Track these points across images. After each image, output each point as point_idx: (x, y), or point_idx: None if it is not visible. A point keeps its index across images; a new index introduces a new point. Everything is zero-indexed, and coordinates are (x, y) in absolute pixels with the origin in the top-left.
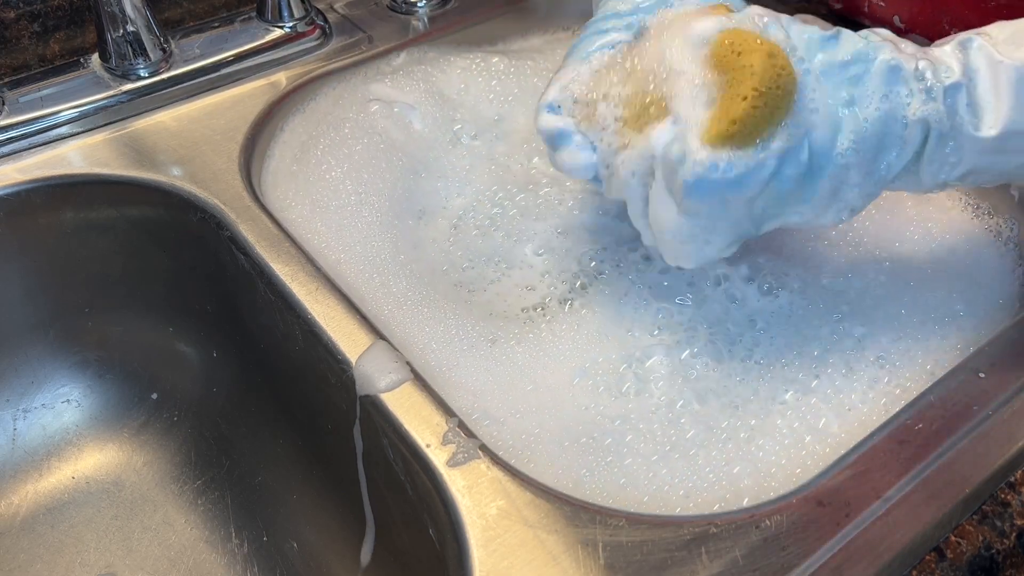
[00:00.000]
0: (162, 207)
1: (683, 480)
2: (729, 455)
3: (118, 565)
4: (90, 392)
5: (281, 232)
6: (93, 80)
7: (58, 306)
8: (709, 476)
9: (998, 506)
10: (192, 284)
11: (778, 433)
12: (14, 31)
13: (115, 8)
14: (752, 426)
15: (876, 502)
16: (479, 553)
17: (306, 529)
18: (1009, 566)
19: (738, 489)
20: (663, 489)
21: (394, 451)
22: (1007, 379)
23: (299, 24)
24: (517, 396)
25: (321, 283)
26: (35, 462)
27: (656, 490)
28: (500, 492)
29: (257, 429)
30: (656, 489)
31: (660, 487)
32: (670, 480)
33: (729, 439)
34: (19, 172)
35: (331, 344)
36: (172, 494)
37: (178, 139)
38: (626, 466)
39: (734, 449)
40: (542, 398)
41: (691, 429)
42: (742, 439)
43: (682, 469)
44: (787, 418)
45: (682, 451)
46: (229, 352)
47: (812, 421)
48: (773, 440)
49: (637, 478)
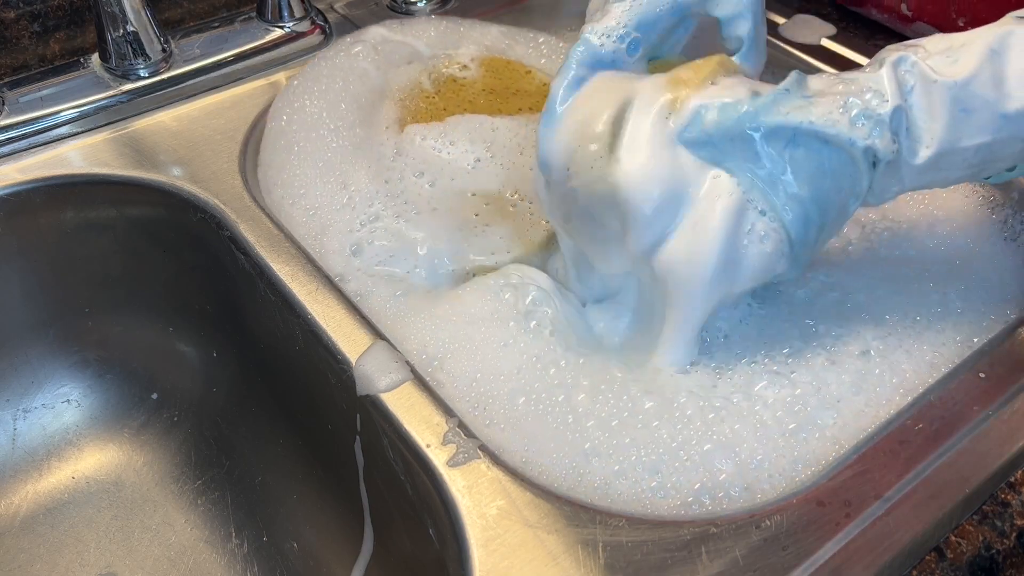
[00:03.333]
0: (162, 207)
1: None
2: (712, 447)
3: (118, 565)
4: (90, 392)
5: (281, 232)
6: (93, 80)
7: (58, 306)
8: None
9: (998, 506)
10: (192, 284)
11: (763, 427)
12: (14, 31)
13: (115, 8)
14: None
15: (876, 502)
16: (479, 553)
17: (306, 529)
18: (1009, 566)
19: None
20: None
21: (394, 451)
22: (1007, 379)
23: (299, 24)
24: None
25: (321, 283)
26: (35, 462)
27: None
28: (500, 492)
29: (257, 429)
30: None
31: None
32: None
33: (712, 432)
34: (19, 172)
35: (331, 344)
36: (172, 494)
37: (178, 139)
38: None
39: (715, 440)
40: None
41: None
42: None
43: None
44: (780, 413)
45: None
46: (229, 352)
47: (807, 414)
48: (759, 433)
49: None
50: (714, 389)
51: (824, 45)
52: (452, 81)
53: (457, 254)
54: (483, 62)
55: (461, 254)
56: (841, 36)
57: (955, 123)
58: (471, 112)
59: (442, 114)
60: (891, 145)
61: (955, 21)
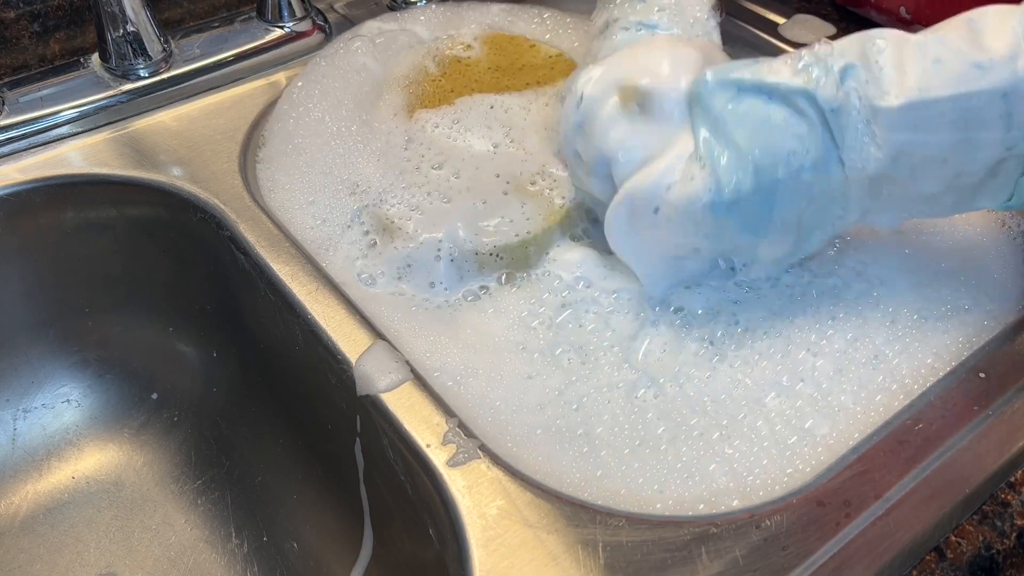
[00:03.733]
0: (162, 207)
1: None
2: (709, 453)
3: (118, 565)
4: (90, 392)
5: (281, 232)
6: (93, 80)
7: (58, 306)
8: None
9: (998, 506)
10: (192, 284)
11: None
12: (14, 31)
13: (115, 8)
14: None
15: (876, 502)
16: (479, 553)
17: (306, 529)
18: (1009, 566)
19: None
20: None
21: (394, 451)
22: (1007, 379)
23: (299, 24)
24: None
25: (321, 283)
26: (35, 462)
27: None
28: (500, 492)
29: (257, 429)
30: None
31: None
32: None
33: (702, 437)
34: (19, 172)
35: (331, 344)
36: (172, 494)
37: (178, 139)
38: (607, 462)
39: (706, 447)
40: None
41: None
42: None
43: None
44: (782, 414)
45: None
46: (229, 352)
47: (817, 412)
48: (757, 438)
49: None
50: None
51: None
52: (457, 62)
53: (478, 234)
54: (486, 40)
55: (482, 233)
56: (841, 36)
57: (925, 74)
58: (479, 92)
59: (449, 96)
60: (835, 92)
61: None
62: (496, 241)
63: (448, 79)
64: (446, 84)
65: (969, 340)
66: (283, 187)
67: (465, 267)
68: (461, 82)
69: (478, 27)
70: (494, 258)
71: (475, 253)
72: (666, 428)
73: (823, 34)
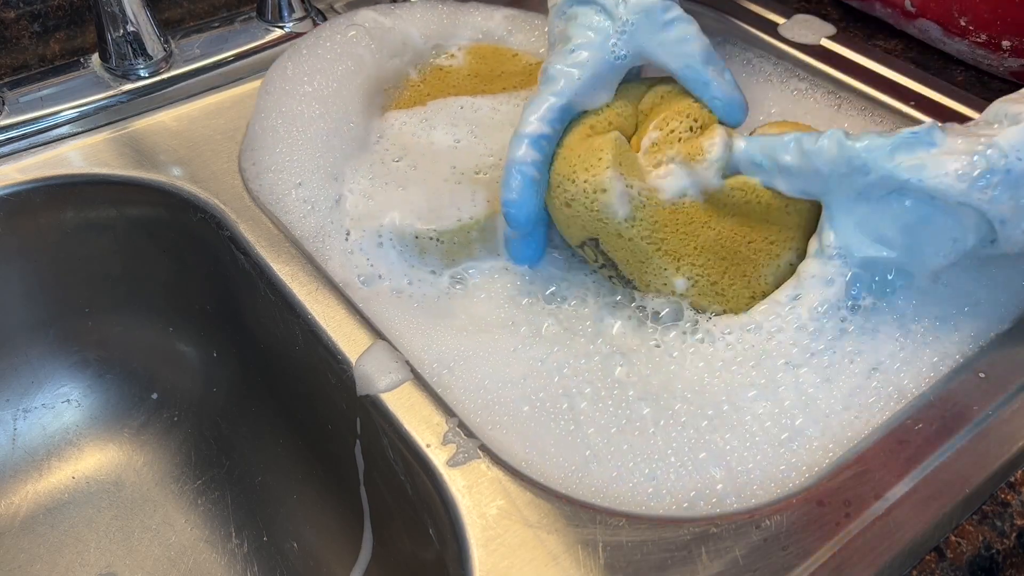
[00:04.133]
0: (162, 207)
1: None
2: (721, 446)
3: (118, 565)
4: (90, 392)
5: (281, 232)
6: (93, 80)
7: (58, 306)
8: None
9: (998, 506)
10: (192, 284)
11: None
12: (14, 31)
13: (115, 8)
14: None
15: (876, 502)
16: (479, 553)
17: (306, 529)
18: (1009, 566)
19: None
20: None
21: (394, 451)
22: (1007, 379)
23: (299, 24)
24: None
25: (321, 283)
26: (35, 462)
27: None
28: (500, 492)
29: (257, 429)
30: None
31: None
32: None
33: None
34: (19, 172)
35: (331, 344)
36: (172, 494)
37: (178, 139)
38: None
39: (709, 441)
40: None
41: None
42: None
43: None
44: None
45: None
46: (229, 352)
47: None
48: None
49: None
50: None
51: (824, 45)
52: (438, 69)
53: (421, 219)
54: (471, 50)
55: (424, 219)
56: (841, 36)
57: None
58: (454, 95)
59: (425, 99)
60: (1009, 203)
61: (957, 20)
62: (437, 226)
63: (427, 84)
64: (424, 89)
65: (969, 340)
66: (269, 169)
67: (406, 252)
68: (439, 87)
69: (473, 32)
70: (434, 242)
71: (415, 237)
72: (651, 410)
73: (823, 34)
